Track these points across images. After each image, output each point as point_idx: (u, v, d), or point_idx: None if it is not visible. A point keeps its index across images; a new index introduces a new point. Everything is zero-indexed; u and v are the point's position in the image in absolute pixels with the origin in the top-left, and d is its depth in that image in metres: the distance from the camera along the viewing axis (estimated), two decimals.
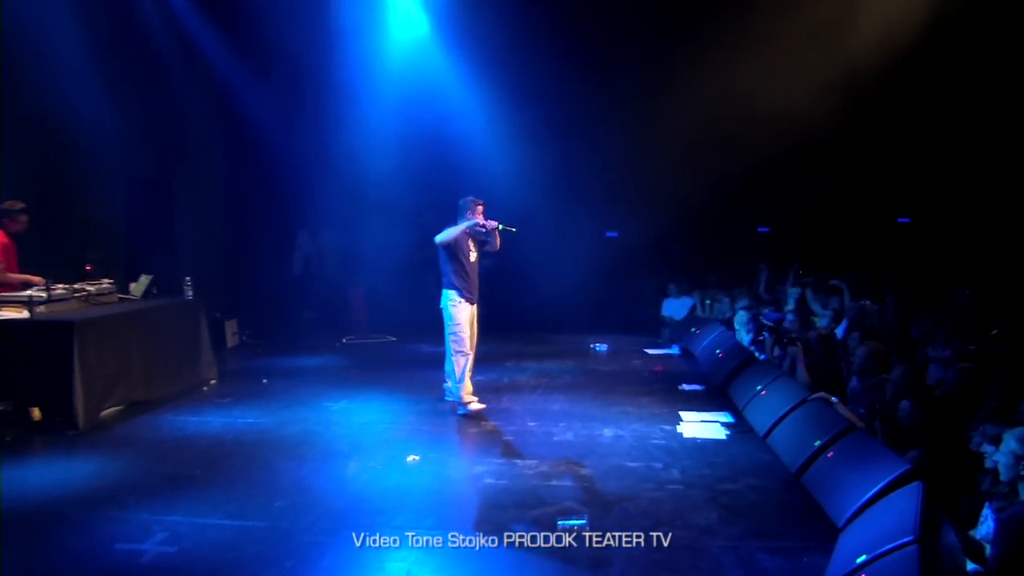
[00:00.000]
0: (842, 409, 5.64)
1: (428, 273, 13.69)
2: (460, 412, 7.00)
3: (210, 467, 5.62)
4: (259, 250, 12.47)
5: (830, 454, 5.08)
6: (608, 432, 6.56)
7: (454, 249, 6.97)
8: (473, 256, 7.12)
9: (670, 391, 8.18)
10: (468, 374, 7.08)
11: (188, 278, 8.31)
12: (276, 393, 7.98)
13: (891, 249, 13.09)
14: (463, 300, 7.03)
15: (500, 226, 7.03)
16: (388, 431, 6.61)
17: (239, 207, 12.31)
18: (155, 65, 10.41)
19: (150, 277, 8.10)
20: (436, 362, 9.85)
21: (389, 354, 10.57)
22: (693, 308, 12.60)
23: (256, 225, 12.38)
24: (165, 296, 8.19)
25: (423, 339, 11.58)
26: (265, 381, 8.51)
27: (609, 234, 14.92)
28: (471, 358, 7.15)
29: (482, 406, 7.04)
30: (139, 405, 7.19)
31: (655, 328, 12.54)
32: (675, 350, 10.81)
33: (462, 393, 7.05)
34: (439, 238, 6.93)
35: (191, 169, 11.55)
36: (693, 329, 10.76)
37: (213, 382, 8.32)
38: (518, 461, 5.79)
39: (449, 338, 7.03)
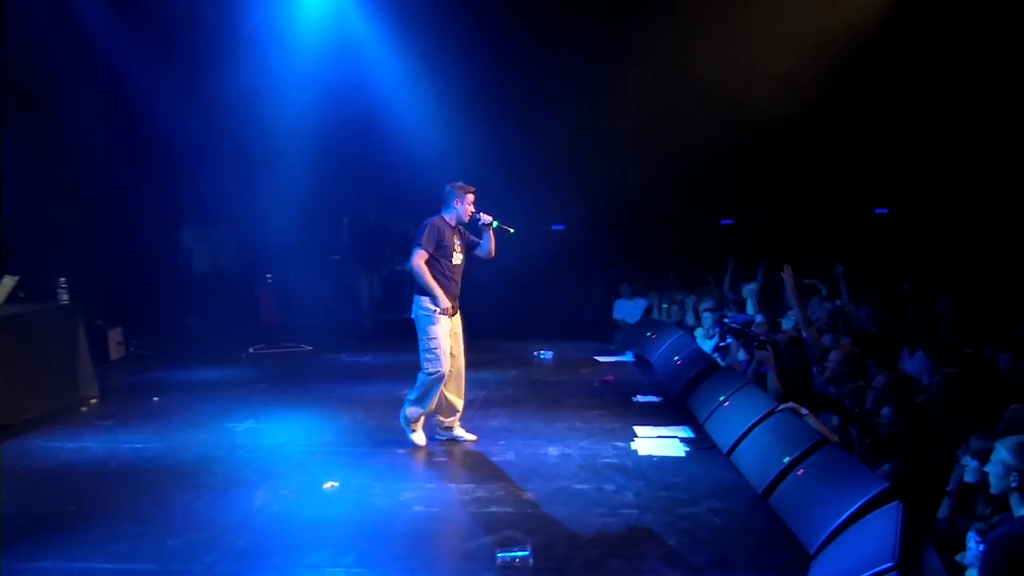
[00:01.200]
0: (813, 421, 5.75)
1: (360, 271, 13.77)
2: (404, 425, 6.65)
3: (90, 502, 5.43)
4: (149, 246, 12.16)
5: (800, 472, 5.17)
6: (554, 451, 6.56)
7: (437, 248, 6.47)
8: (458, 258, 6.56)
9: (623, 403, 8.23)
10: (434, 401, 6.58)
11: (62, 279, 8.06)
12: (169, 413, 7.80)
13: (869, 242, 13.44)
14: (439, 309, 6.57)
15: (495, 223, 6.53)
16: (302, 454, 6.51)
17: (124, 197, 11.95)
18: (22, 34, 10.02)
19: (15, 279, 7.86)
20: (359, 374, 9.83)
21: (304, 366, 10.45)
22: (648, 310, 12.74)
23: (145, 218, 12.06)
24: (34, 301, 7.95)
25: (344, 347, 11.50)
26: (156, 399, 8.34)
27: (555, 227, 15.00)
28: (444, 383, 6.58)
29: (424, 441, 6.64)
30: (3, 430, 6.90)
31: (606, 333, 12.65)
32: (628, 357, 10.91)
33: (415, 413, 6.60)
34: (414, 265, 6.42)
35: (66, 154, 11.17)
36: (648, 333, 10.88)
37: (94, 401, 8.10)
38: (452, 485, 5.76)
39: (422, 354, 6.49)
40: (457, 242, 6.56)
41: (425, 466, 6.21)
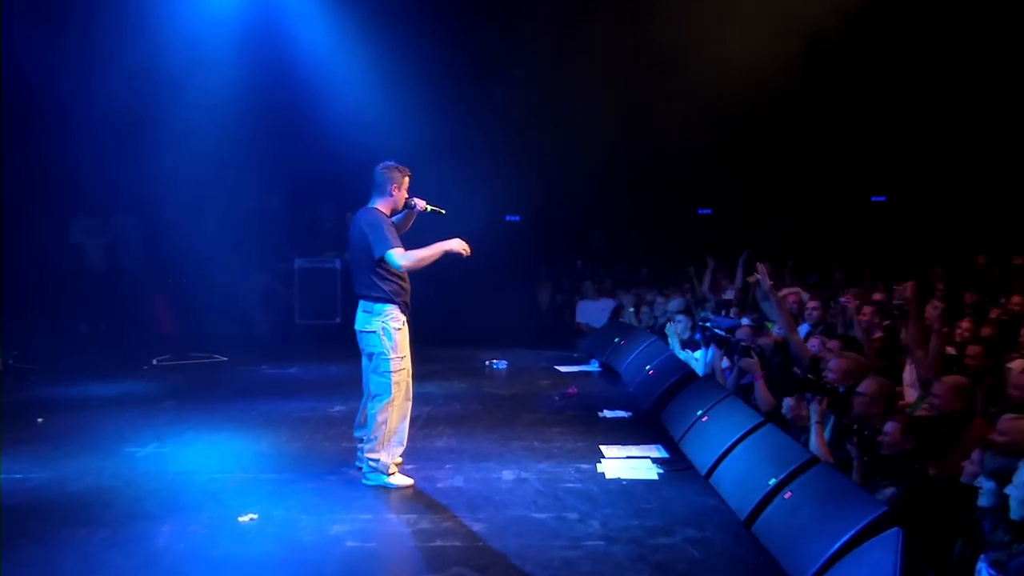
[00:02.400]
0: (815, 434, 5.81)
1: (282, 272, 13.65)
2: (374, 482, 6.35)
3: None
4: (30, 242, 11.93)
5: (788, 495, 5.24)
6: (508, 475, 6.56)
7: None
8: None
9: (587, 420, 8.26)
10: (406, 429, 6.44)
11: None
12: (56, 436, 7.65)
13: (865, 233, 13.68)
14: (405, 319, 6.41)
15: (428, 208, 6.55)
16: (216, 482, 6.43)
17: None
18: None
19: None
20: (280, 388, 9.75)
21: (217, 379, 10.33)
22: (616, 312, 12.81)
23: (25, 208, 11.84)
24: None
25: (264, 358, 11.39)
26: (40, 420, 8.17)
27: (509, 218, 15.04)
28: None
29: (409, 481, 6.37)
30: None
31: (568, 339, 12.69)
32: (593, 366, 10.96)
33: (385, 456, 6.31)
34: (407, 261, 6.19)
35: None
36: (616, 339, 10.94)
37: None
38: (391, 516, 5.73)
39: (380, 377, 6.29)
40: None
41: (359, 495, 6.15)
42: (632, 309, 12.44)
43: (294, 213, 14.67)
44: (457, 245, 6.30)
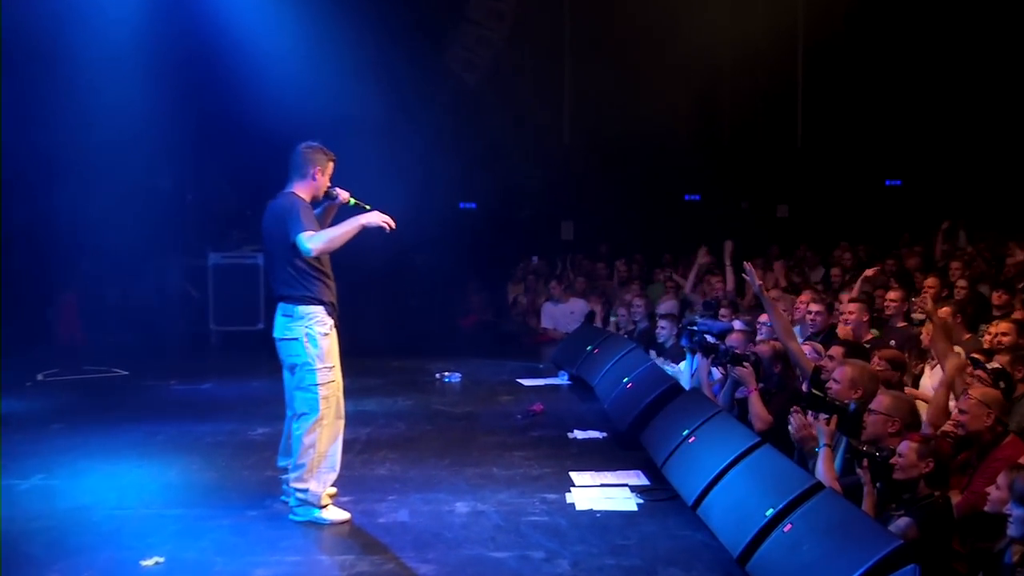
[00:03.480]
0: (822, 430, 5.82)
1: (193, 269, 13.50)
2: (302, 517, 6.29)
3: None
4: None
5: (788, 528, 5.25)
6: (462, 507, 6.56)
7: None
8: None
9: (556, 442, 8.27)
10: (339, 451, 6.41)
11: None
12: None
13: (879, 219, 13.87)
14: (333, 323, 6.38)
15: (352, 200, 6.50)
16: (114, 520, 6.37)
17: None
18: None
19: None
20: (191, 408, 9.66)
21: (116, 397, 10.24)
22: (590, 316, 12.82)
23: None
24: None
25: (172, 372, 11.28)
26: None
27: (463, 205, 15.03)
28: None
29: (345, 515, 6.33)
30: None
31: (532, 347, 12.69)
32: (562, 379, 10.97)
33: (315, 486, 6.27)
34: (317, 243, 6.13)
35: None
36: (589, 347, 10.94)
37: None
38: (323, 557, 5.71)
39: (305, 392, 6.26)
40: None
41: (286, 533, 6.11)
42: (613, 318, 12.38)
43: (208, 200, 14.56)
44: (376, 218, 6.22)
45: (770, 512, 5.40)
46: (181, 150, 13.72)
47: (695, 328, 8.86)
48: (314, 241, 6.08)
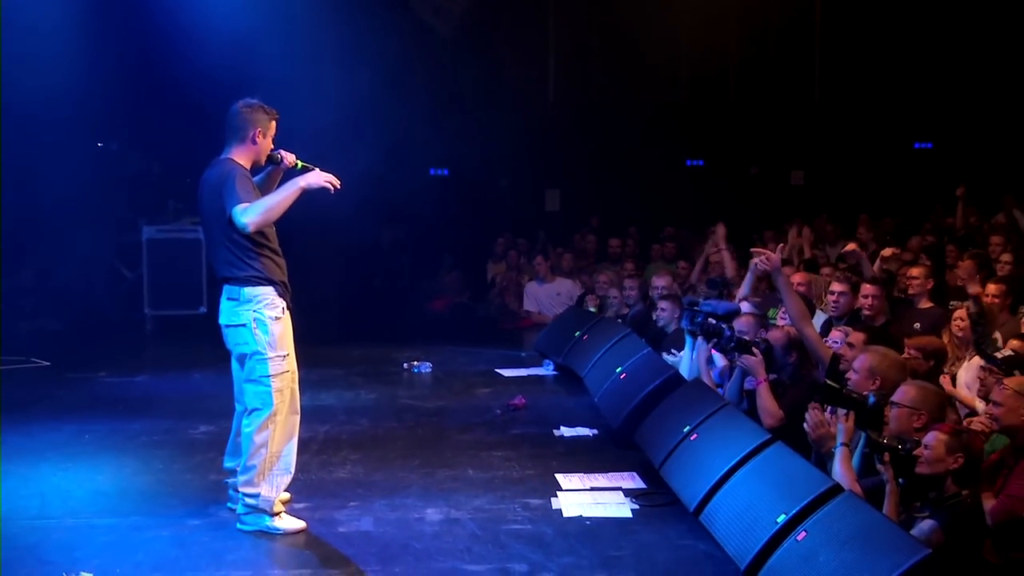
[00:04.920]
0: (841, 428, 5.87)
1: (125, 245, 13.44)
2: (252, 526, 6.30)
3: None
4: None
5: (802, 536, 5.29)
6: (434, 514, 6.57)
7: None
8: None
9: (540, 440, 8.29)
10: (294, 452, 6.41)
11: None
12: None
13: (907, 186, 13.94)
14: (285, 305, 6.34)
15: (299, 163, 6.45)
16: (36, 531, 6.33)
17: None
18: None
19: None
20: (124, 403, 9.65)
21: (37, 392, 10.20)
22: (580, 299, 12.84)
23: None
24: None
25: (102, 362, 11.26)
26: None
27: (434, 171, 15.02)
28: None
29: (301, 524, 6.34)
30: None
31: (513, 333, 12.71)
32: (547, 369, 11.00)
33: (267, 490, 6.26)
34: (253, 216, 6.03)
35: None
36: (577, 333, 10.97)
37: None
38: (275, 572, 5.72)
39: (256, 385, 6.25)
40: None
41: (233, 544, 6.11)
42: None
43: (143, 165, 14.52)
44: (318, 178, 6.17)
45: (782, 518, 5.43)
46: (125, 110, 13.63)
47: (698, 308, 8.81)
48: (249, 214, 6.00)
